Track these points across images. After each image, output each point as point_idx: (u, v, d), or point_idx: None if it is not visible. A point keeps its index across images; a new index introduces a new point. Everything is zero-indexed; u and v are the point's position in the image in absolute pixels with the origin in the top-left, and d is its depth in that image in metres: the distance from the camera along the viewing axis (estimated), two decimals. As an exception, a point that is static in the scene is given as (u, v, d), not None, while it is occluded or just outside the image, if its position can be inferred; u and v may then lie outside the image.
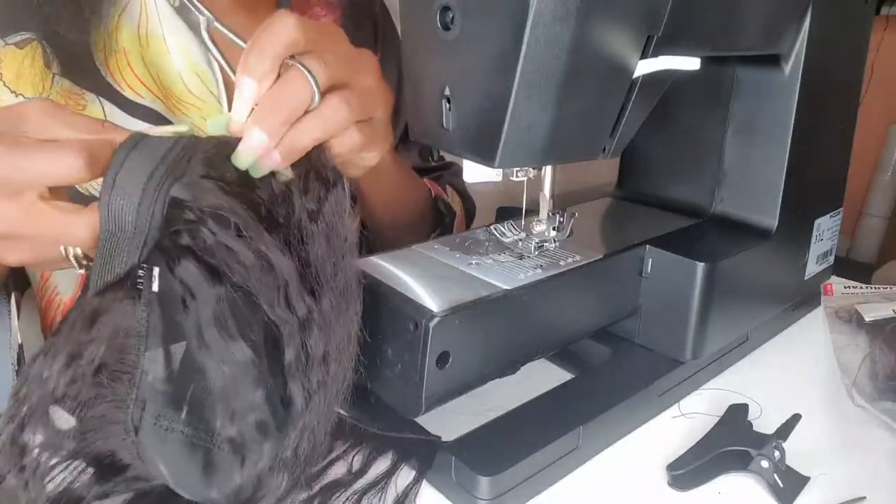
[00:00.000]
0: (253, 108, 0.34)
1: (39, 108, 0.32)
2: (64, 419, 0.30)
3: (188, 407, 0.30)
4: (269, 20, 0.35)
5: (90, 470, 0.32)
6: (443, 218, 0.69)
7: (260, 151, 0.33)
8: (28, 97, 0.49)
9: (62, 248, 0.32)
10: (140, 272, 0.30)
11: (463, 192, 0.77)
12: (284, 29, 0.34)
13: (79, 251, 0.32)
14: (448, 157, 0.78)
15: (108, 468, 0.32)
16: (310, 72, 0.35)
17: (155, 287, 0.30)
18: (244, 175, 0.33)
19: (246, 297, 0.31)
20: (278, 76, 0.34)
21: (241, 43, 0.38)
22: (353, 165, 0.42)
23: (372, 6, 0.71)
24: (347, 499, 0.37)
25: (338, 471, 0.39)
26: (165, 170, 0.30)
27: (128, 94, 0.51)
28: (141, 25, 0.52)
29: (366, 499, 0.37)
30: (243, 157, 0.33)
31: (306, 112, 0.35)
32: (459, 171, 0.76)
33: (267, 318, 0.31)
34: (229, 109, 0.54)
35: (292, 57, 0.35)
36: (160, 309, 0.30)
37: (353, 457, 0.40)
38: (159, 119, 0.52)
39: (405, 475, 0.39)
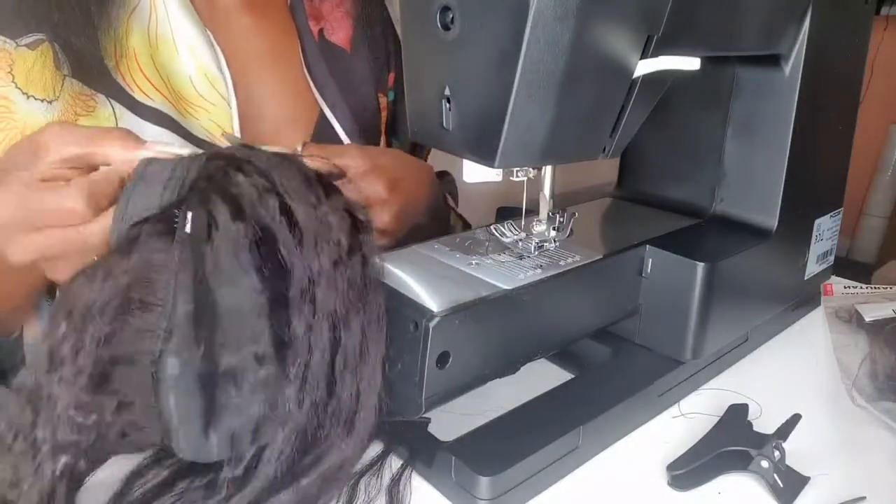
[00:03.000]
0: None
1: (56, 135, 0.35)
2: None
3: (204, 345, 0.32)
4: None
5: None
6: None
7: None
8: (39, 98, 0.49)
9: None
10: (176, 213, 0.32)
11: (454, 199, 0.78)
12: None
13: None
14: (447, 158, 0.79)
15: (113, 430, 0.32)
16: None
17: (188, 228, 0.32)
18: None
19: (266, 238, 0.32)
20: None
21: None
22: None
23: (383, 18, 0.71)
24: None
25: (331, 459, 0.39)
26: (175, 183, 0.32)
27: (138, 96, 0.51)
28: (151, 27, 0.52)
29: (363, 481, 0.37)
30: None
31: None
32: (452, 182, 0.78)
33: (282, 263, 0.33)
34: (238, 111, 0.55)
35: None
36: (190, 248, 0.32)
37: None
38: (169, 121, 0.52)
39: (399, 456, 0.40)
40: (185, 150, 0.35)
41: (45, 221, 0.34)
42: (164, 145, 0.35)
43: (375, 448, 0.40)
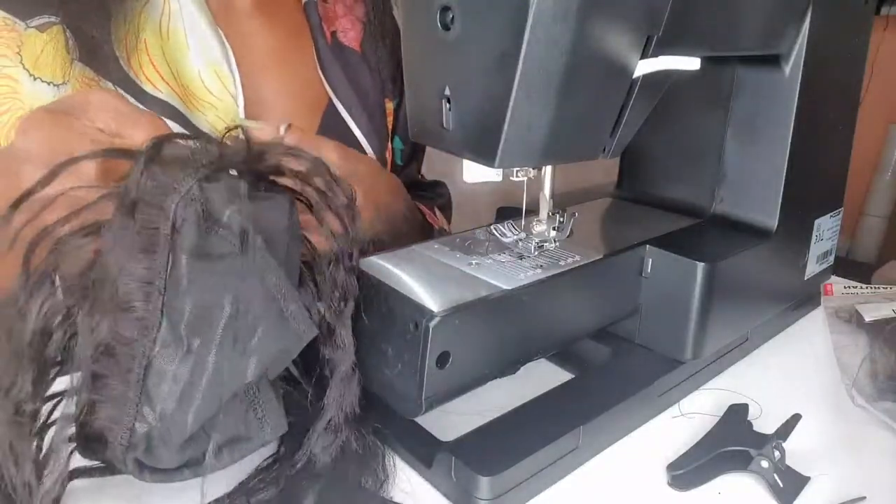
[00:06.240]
0: None
1: (99, 100, 0.36)
2: None
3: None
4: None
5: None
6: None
7: None
8: (46, 81, 0.49)
9: None
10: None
11: (446, 210, 0.78)
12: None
13: None
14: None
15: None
16: None
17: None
18: None
19: None
20: None
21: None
22: None
23: (392, 23, 0.71)
24: None
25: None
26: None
27: (146, 87, 0.52)
28: (163, 20, 0.52)
29: None
30: None
31: None
32: (446, 197, 0.78)
33: None
34: (245, 109, 0.55)
35: None
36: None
37: None
38: (175, 114, 0.52)
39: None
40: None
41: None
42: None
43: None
